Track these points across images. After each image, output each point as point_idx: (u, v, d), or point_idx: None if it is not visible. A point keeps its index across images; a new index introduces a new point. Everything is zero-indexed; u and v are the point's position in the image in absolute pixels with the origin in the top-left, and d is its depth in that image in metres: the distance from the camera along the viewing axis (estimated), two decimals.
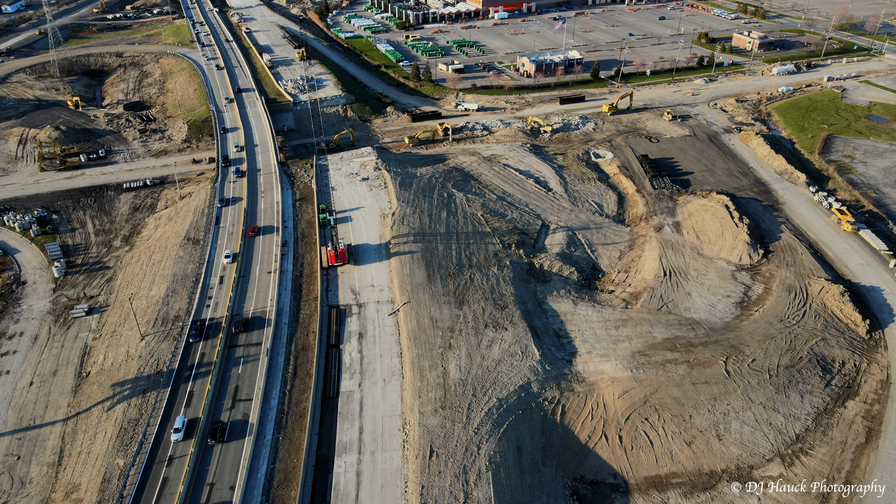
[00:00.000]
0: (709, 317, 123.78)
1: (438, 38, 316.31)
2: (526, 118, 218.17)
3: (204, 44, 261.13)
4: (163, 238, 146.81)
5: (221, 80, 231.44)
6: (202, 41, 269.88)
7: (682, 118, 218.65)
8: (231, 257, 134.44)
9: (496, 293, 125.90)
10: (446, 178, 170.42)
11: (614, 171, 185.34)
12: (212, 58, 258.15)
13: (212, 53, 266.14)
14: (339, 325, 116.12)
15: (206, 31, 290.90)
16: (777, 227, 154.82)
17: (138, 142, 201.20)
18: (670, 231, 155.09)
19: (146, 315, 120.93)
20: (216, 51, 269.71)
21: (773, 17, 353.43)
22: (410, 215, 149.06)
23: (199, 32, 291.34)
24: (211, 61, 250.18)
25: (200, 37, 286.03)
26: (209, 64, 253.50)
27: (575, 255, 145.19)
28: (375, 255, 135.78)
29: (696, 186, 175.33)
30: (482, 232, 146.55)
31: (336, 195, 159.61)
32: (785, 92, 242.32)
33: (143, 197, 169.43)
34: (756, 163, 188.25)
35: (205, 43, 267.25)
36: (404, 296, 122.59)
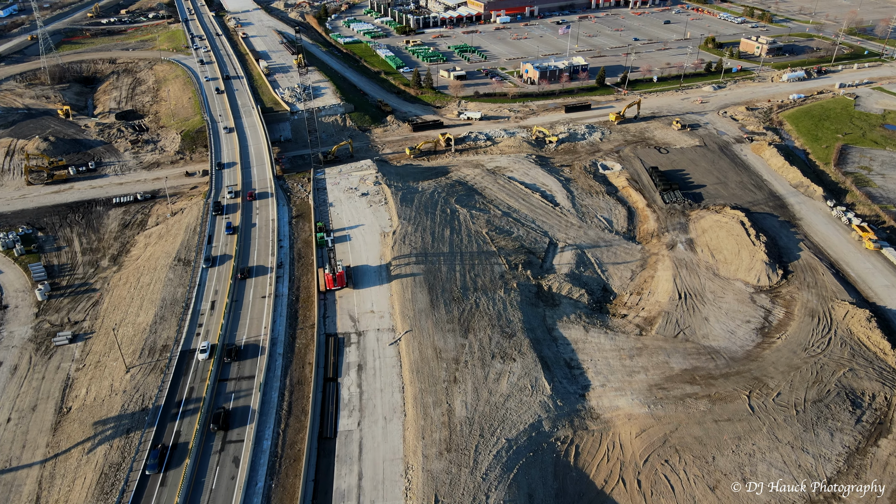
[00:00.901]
0: (728, 345, 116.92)
1: (439, 43, 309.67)
2: (530, 128, 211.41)
3: (203, 60, 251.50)
4: (152, 258, 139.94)
5: (218, 97, 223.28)
6: (199, 53, 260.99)
7: (691, 127, 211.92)
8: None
9: (503, 319, 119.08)
10: (449, 192, 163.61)
11: (623, 184, 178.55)
12: (207, 63, 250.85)
13: (207, 58, 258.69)
14: (336, 355, 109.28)
15: (202, 36, 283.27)
16: (795, 245, 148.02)
17: (130, 153, 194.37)
18: (683, 249, 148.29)
19: (132, 344, 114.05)
20: (212, 57, 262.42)
21: (780, 20, 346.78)
22: (412, 234, 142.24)
23: (196, 43, 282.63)
24: (210, 81, 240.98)
25: (196, 42, 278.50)
26: (204, 71, 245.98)
27: (585, 276, 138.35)
28: (375, 277, 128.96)
29: (709, 200, 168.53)
30: (487, 251, 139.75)
31: (334, 212, 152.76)
32: (796, 99, 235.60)
33: (133, 213, 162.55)
34: (770, 175, 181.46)
35: (204, 59, 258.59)
36: (406, 323, 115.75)
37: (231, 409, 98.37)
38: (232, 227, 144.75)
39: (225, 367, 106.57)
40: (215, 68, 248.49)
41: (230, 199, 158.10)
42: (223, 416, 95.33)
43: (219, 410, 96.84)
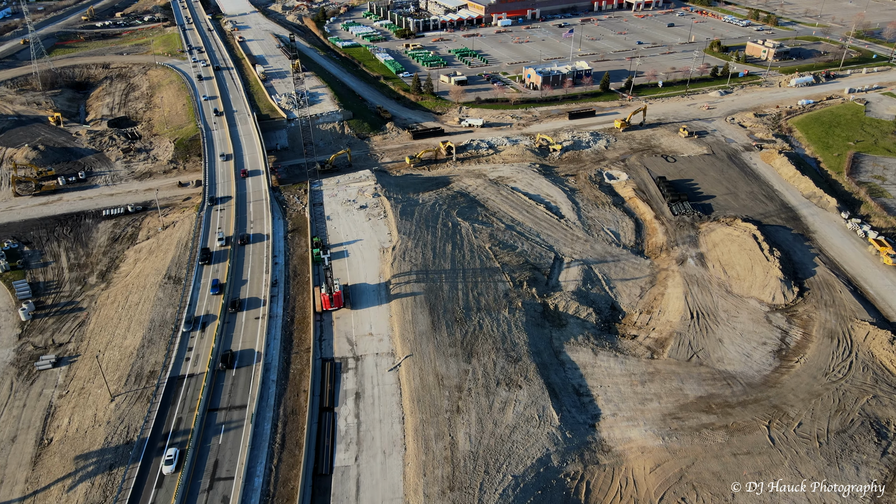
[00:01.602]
0: (745, 369, 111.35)
1: (440, 46, 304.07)
2: (534, 135, 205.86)
3: (197, 61, 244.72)
4: (142, 275, 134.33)
5: (211, 96, 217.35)
6: (193, 54, 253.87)
7: (698, 134, 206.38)
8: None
9: (508, 342, 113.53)
10: (450, 204, 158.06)
11: (630, 195, 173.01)
12: (203, 71, 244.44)
13: (203, 67, 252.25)
14: (333, 382, 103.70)
15: (201, 48, 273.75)
16: (810, 260, 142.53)
17: (121, 162, 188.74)
18: (694, 264, 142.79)
19: (118, 370, 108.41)
20: (208, 62, 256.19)
21: (786, 23, 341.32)
22: (412, 249, 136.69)
23: (191, 46, 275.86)
24: (203, 82, 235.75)
25: (191, 45, 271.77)
26: (199, 79, 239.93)
27: (592, 294, 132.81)
28: (374, 297, 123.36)
29: (719, 212, 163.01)
30: (491, 268, 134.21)
31: (331, 226, 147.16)
32: (805, 105, 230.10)
33: (123, 226, 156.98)
34: (781, 185, 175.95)
35: (202, 75, 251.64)
36: (406, 347, 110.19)
37: (220, 443, 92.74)
38: (224, 238, 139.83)
39: (215, 395, 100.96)
40: (213, 82, 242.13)
41: (222, 208, 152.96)
42: None
43: (208, 444, 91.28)
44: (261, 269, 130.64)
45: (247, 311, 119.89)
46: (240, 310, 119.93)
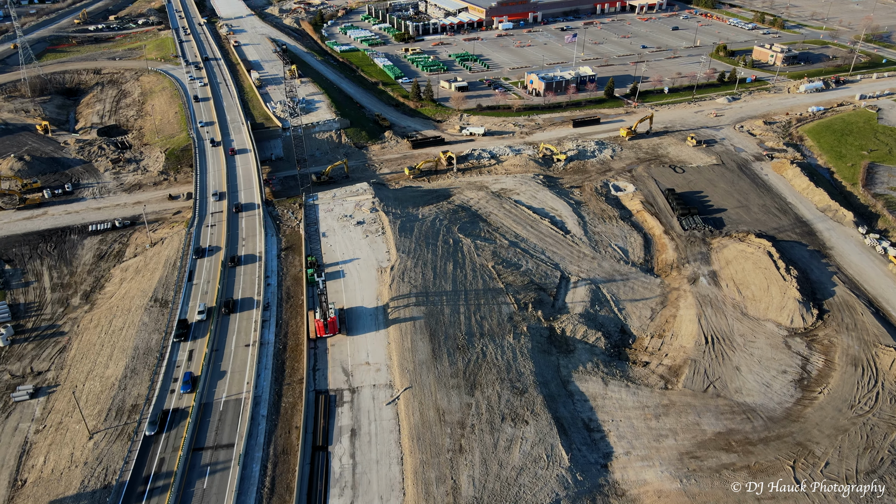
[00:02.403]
0: (765, 401, 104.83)
1: (439, 51, 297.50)
2: (537, 144, 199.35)
3: (194, 79, 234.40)
4: (127, 297, 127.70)
5: (208, 122, 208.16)
6: (191, 71, 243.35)
7: (707, 143, 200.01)
8: (204, 312, 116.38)
9: (513, 371, 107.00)
10: (451, 219, 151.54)
11: (637, 208, 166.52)
12: (196, 78, 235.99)
13: (197, 73, 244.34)
14: (327, 418, 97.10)
15: (197, 63, 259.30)
16: (828, 279, 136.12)
17: (110, 173, 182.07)
18: (706, 283, 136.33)
19: (98, 403, 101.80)
20: (203, 72, 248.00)
21: (793, 27, 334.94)
22: (412, 269, 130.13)
23: (188, 61, 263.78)
24: (195, 82, 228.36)
25: (188, 59, 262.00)
26: (192, 85, 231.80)
27: (600, 316, 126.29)
28: (371, 321, 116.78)
29: (731, 226, 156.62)
30: (494, 289, 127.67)
31: (327, 243, 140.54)
32: (815, 112, 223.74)
33: (109, 242, 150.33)
34: (794, 197, 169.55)
35: (190, 61, 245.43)
36: (405, 378, 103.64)
37: (206, 487, 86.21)
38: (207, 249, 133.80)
39: (201, 432, 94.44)
40: (210, 104, 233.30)
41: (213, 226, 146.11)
42: None
43: (192, 489, 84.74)
44: (252, 292, 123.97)
45: (237, 336, 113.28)
46: (233, 311, 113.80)
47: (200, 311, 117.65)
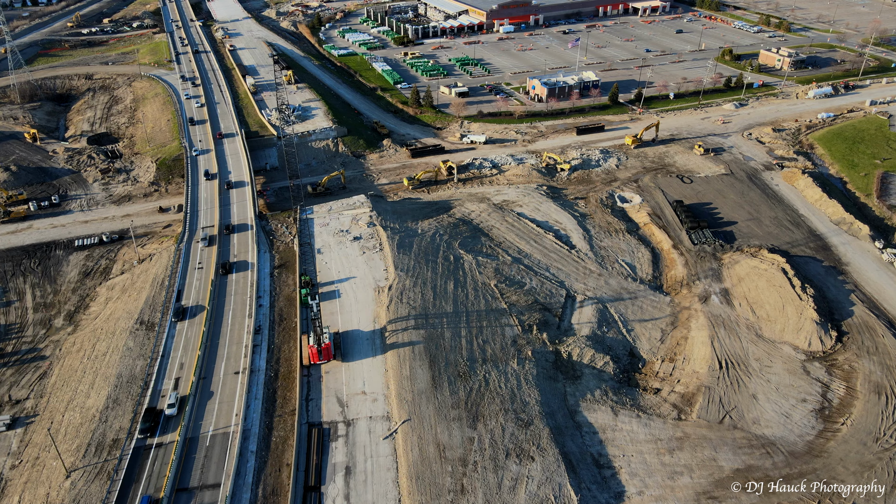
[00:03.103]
0: (785, 433, 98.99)
1: (439, 55, 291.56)
2: (540, 153, 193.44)
3: (190, 98, 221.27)
4: (112, 318, 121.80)
5: (204, 150, 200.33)
6: (187, 89, 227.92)
7: (714, 151, 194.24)
8: None
9: (517, 401, 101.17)
10: (452, 234, 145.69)
11: (644, 220, 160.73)
12: (193, 97, 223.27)
13: (194, 91, 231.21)
14: (320, 454, 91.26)
15: (193, 76, 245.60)
16: (846, 298, 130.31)
17: (99, 184, 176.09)
18: (718, 302, 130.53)
19: (77, 437, 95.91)
20: (199, 88, 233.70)
21: (799, 29, 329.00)
22: (410, 288, 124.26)
23: (184, 76, 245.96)
24: (191, 101, 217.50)
25: (184, 75, 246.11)
26: (188, 104, 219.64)
27: (608, 338, 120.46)
28: (368, 346, 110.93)
29: (742, 241, 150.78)
30: (497, 309, 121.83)
31: (322, 261, 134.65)
32: (825, 119, 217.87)
33: (96, 258, 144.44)
34: (807, 209, 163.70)
35: (187, 77, 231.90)
36: (404, 409, 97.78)
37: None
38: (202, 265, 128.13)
39: (186, 470, 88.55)
40: (200, 92, 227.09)
41: (204, 247, 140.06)
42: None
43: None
44: (243, 314, 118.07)
45: (227, 363, 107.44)
46: (221, 343, 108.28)
47: None
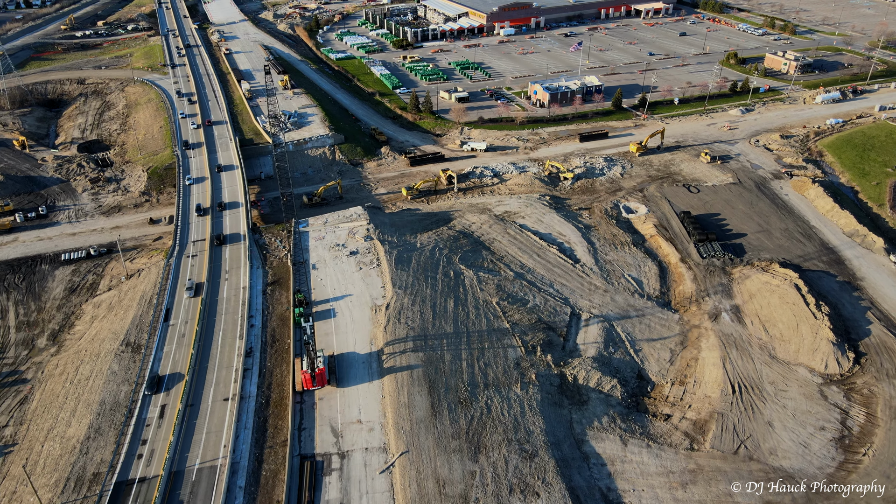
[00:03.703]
0: (804, 465, 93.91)
1: (439, 58, 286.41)
2: (542, 161, 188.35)
3: (186, 116, 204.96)
4: (97, 339, 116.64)
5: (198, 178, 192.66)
6: (184, 106, 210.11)
7: (721, 159, 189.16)
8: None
9: (521, 430, 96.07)
10: (452, 248, 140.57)
11: (651, 232, 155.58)
12: (188, 115, 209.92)
13: (193, 130, 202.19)
14: (313, 490, 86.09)
15: (191, 87, 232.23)
16: (862, 317, 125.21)
17: (88, 194, 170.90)
18: (729, 320, 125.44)
19: (56, 470, 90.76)
20: (196, 106, 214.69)
21: (804, 32, 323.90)
22: (409, 307, 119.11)
23: (181, 93, 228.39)
24: (187, 120, 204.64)
25: (181, 91, 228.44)
26: (184, 123, 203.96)
27: (615, 359, 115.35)
28: (364, 370, 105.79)
29: (752, 254, 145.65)
30: (499, 329, 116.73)
31: (317, 277, 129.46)
32: (834, 125, 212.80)
33: (83, 272, 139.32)
34: (818, 220, 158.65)
35: (183, 93, 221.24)
36: (401, 440, 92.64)
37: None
38: (194, 288, 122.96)
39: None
40: (196, 110, 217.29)
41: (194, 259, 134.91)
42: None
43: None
44: (233, 335, 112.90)
45: (215, 388, 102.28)
46: (210, 367, 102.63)
47: None
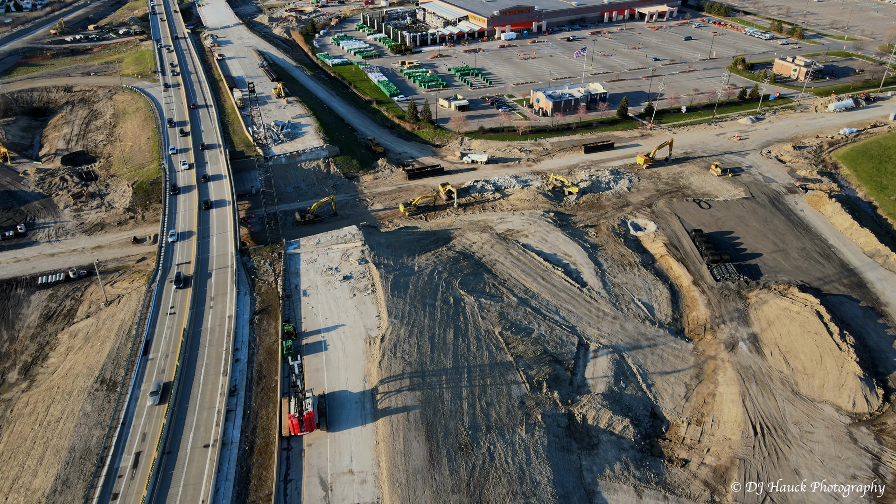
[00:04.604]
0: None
1: (438, 64, 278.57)
2: (546, 174, 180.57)
3: (177, 152, 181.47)
4: (71, 374, 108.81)
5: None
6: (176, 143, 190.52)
7: (732, 172, 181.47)
8: (157, 394, 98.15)
9: (527, 480, 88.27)
10: (452, 271, 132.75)
11: (661, 252, 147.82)
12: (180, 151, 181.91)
13: (185, 170, 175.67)
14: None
15: (183, 113, 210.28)
16: (889, 347, 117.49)
17: (70, 210, 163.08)
18: (747, 351, 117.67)
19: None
20: (191, 164, 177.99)
21: (812, 36, 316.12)
22: (405, 339, 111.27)
23: (172, 122, 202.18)
24: (178, 156, 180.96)
25: (173, 120, 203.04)
26: (175, 160, 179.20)
27: (626, 395, 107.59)
28: (357, 412, 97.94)
29: (769, 276, 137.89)
30: (502, 362, 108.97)
31: (308, 305, 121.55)
32: (848, 134, 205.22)
33: (60, 298, 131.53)
34: (837, 239, 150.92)
35: (175, 122, 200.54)
36: (396, 494, 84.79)
37: None
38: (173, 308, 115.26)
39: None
40: (191, 172, 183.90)
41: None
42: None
43: None
44: (217, 371, 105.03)
45: (195, 433, 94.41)
46: (191, 406, 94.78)
47: (154, 392, 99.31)
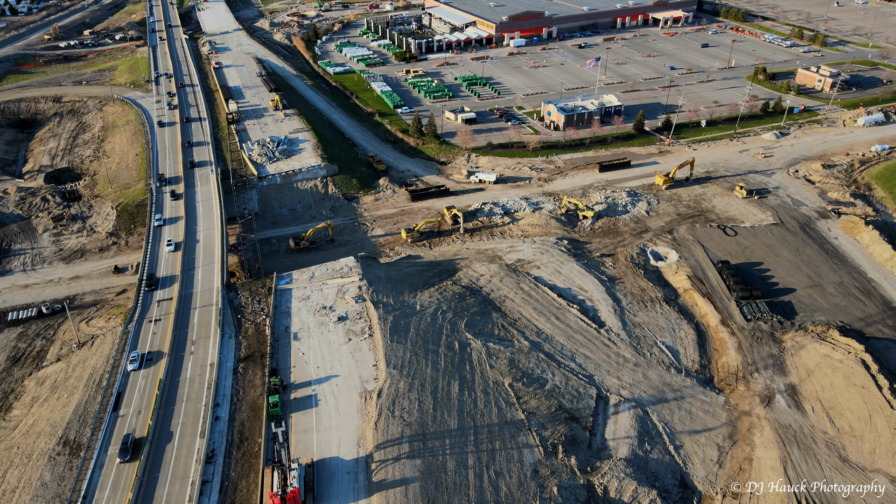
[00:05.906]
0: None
1: (444, 72, 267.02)
2: (559, 196, 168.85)
3: (165, 181, 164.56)
4: (33, 431, 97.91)
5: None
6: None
7: (758, 193, 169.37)
8: (127, 450, 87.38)
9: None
10: (457, 310, 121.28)
11: (684, 285, 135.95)
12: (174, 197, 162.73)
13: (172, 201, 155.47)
14: None
15: (175, 121, 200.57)
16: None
17: (49, 234, 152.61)
18: (785, 405, 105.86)
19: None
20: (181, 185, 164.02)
21: (834, 43, 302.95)
22: (405, 394, 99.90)
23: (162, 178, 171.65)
24: (166, 196, 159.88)
25: (162, 176, 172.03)
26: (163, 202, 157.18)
27: (652, 461, 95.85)
28: (349, 485, 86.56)
29: (805, 315, 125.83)
30: (513, 421, 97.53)
31: (298, 350, 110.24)
32: (880, 152, 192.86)
33: (31, 336, 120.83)
34: (876, 271, 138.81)
35: (167, 180, 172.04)
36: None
37: None
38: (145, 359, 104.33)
39: None
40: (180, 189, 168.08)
41: None
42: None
43: None
44: (193, 432, 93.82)
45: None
46: (161, 477, 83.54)
47: (123, 449, 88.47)
